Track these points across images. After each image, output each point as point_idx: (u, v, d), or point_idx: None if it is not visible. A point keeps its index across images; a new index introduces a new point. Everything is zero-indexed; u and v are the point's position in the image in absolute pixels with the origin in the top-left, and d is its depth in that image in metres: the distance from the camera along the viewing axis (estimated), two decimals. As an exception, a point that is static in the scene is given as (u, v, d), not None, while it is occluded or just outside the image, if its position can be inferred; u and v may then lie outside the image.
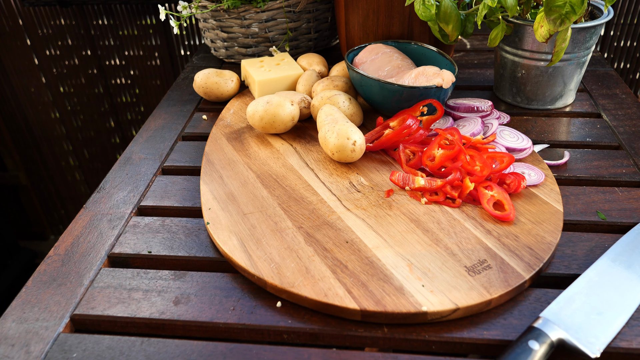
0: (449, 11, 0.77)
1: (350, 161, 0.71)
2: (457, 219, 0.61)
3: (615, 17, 1.44)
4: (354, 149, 0.69)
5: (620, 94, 0.90)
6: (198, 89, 0.92)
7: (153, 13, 1.59)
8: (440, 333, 0.50)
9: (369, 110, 0.85)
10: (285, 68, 0.92)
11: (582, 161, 0.73)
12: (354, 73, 0.79)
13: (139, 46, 1.65)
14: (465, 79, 0.97)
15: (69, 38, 1.65)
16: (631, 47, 1.49)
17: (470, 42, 1.14)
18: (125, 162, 0.79)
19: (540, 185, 0.66)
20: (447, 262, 0.55)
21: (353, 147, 0.69)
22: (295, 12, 1.00)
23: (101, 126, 1.83)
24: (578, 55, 0.79)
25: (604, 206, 0.65)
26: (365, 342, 0.51)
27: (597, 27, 0.77)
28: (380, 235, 0.59)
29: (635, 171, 0.71)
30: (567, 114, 0.85)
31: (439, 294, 0.51)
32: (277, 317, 0.52)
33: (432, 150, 0.68)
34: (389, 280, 0.53)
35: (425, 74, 0.76)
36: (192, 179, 0.73)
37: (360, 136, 0.70)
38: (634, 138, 0.78)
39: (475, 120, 0.76)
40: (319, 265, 0.55)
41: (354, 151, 0.69)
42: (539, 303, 0.52)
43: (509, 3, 0.73)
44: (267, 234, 0.60)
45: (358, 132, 0.70)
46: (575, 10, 0.67)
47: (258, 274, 0.54)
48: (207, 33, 1.07)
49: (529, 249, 0.56)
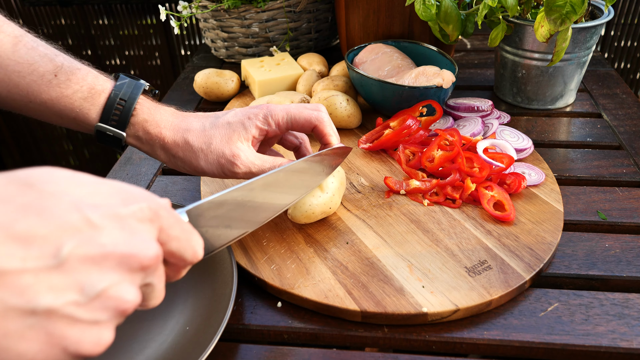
0: (449, 11, 0.77)
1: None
2: (458, 220, 0.61)
3: (615, 17, 1.44)
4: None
5: (620, 93, 0.90)
6: (198, 89, 0.92)
7: (153, 13, 1.59)
8: (441, 333, 0.50)
9: (369, 110, 0.85)
10: (286, 68, 0.92)
11: (582, 161, 0.73)
12: (354, 73, 0.79)
13: (140, 46, 1.65)
14: (466, 78, 0.97)
15: (69, 38, 1.66)
16: (631, 47, 1.49)
17: (471, 42, 1.14)
18: (125, 162, 0.79)
19: (541, 185, 0.66)
20: (448, 262, 0.55)
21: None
22: (296, 12, 1.00)
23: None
24: (578, 55, 0.79)
25: (605, 206, 0.64)
26: (366, 342, 0.51)
27: (598, 27, 0.77)
28: (380, 236, 0.59)
29: (635, 171, 0.71)
30: (567, 114, 0.85)
31: (439, 295, 0.51)
32: (277, 317, 0.52)
33: (431, 151, 0.68)
34: (389, 281, 0.53)
35: (426, 73, 0.76)
36: (192, 179, 0.73)
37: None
38: (634, 138, 0.78)
39: (475, 120, 0.76)
40: (319, 266, 0.55)
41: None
42: (539, 303, 0.52)
43: (510, 3, 0.72)
44: (268, 235, 0.60)
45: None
46: (575, 10, 0.67)
47: (258, 275, 0.54)
48: (208, 33, 1.07)
49: (529, 249, 0.56)
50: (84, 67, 0.55)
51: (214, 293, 0.52)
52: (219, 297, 0.51)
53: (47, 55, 0.54)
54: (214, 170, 0.56)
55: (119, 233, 0.30)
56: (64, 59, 0.54)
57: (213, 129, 0.56)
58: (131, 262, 0.31)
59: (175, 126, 0.56)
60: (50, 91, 0.53)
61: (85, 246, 0.29)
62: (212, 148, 0.55)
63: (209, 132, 0.56)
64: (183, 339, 0.49)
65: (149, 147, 0.57)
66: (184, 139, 0.56)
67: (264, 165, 0.56)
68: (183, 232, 0.35)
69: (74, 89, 0.54)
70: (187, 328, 0.50)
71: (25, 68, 0.53)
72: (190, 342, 0.48)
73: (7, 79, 0.53)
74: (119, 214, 0.31)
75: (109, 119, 0.55)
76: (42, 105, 0.54)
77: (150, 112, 0.56)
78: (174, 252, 0.35)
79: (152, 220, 0.33)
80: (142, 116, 0.56)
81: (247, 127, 0.56)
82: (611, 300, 0.52)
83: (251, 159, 0.56)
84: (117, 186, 0.33)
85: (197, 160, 0.56)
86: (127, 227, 0.31)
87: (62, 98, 0.54)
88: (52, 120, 0.56)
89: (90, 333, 0.29)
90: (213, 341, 0.46)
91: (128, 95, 0.55)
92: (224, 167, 0.55)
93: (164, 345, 0.49)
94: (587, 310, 0.51)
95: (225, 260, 0.55)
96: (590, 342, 0.48)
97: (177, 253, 0.35)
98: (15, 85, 0.53)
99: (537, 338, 0.49)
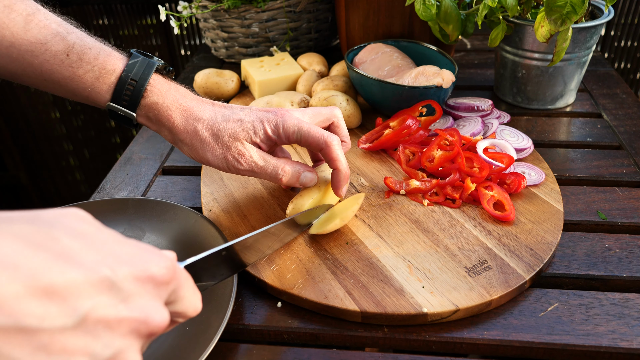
0: (449, 11, 0.77)
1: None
2: (457, 220, 0.61)
3: (615, 17, 1.44)
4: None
5: (620, 93, 0.90)
6: (198, 89, 0.92)
7: (153, 13, 1.59)
8: (441, 333, 0.50)
9: (369, 110, 0.85)
10: (286, 68, 0.92)
11: (582, 161, 0.73)
12: (354, 73, 0.79)
13: (140, 46, 1.65)
14: (466, 78, 0.97)
15: (69, 38, 1.65)
16: (632, 47, 1.49)
17: (471, 42, 1.14)
18: (125, 162, 0.79)
19: (541, 185, 0.66)
20: (447, 262, 0.55)
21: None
22: (296, 12, 1.00)
23: (101, 126, 1.83)
24: (579, 55, 0.79)
25: (605, 206, 0.64)
26: (366, 342, 0.51)
27: (598, 27, 0.77)
28: (380, 236, 0.59)
29: (635, 171, 0.71)
30: (567, 114, 0.85)
31: (439, 295, 0.51)
32: (277, 317, 0.52)
33: (431, 151, 0.68)
34: (389, 281, 0.53)
35: (425, 73, 0.76)
36: (192, 179, 0.73)
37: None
38: (634, 138, 0.78)
39: (475, 119, 0.76)
40: (319, 267, 0.55)
41: None
42: (539, 303, 0.52)
43: (510, 3, 0.72)
44: (267, 235, 0.60)
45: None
46: (576, 10, 0.67)
47: (258, 275, 0.54)
48: (208, 33, 1.07)
49: (529, 249, 0.56)
50: (96, 44, 0.55)
51: (214, 293, 0.52)
52: (219, 297, 0.51)
53: (60, 34, 0.54)
54: (218, 163, 0.56)
55: (137, 298, 0.29)
56: (76, 37, 0.54)
57: (224, 122, 0.56)
58: (142, 328, 0.29)
59: (186, 112, 0.56)
60: (63, 70, 0.53)
61: (105, 309, 0.28)
62: (219, 141, 0.55)
63: (219, 125, 0.56)
64: (183, 339, 0.48)
65: (157, 127, 0.58)
66: (194, 127, 0.56)
67: (267, 166, 0.56)
68: (189, 290, 0.35)
69: (85, 69, 0.54)
70: (187, 328, 0.50)
71: (38, 47, 0.53)
72: (190, 342, 0.48)
73: (21, 58, 0.53)
74: (138, 277, 0.30)
75: (120, 99, 0.55)
76: (56, 84, 0.55)
77: (161, 94, 0.56)
78: (179, 312, 0.34)
79: (167, 284, 0.32)
80: (152, 98, 0.55)
81: (257, 130, 0.56)
82: (611, 300, 0.52)
83: (255, 159, 0.56)
84: (137, 246, 0.32)
85: (203, 151, 0.56)
86: (144, 291, 0.30)
87: (74, 77, 0.54)
88: (69, 96, 0.57)
89: None
90: (213, 341, 0.46)
91: (139, 75, 0.55)
92: (228, 161, 0.56)
93: (164, 345, 0.49)
94: (587, 310, 0.51)
95: (225, 260, 0.55)
96: (590, 342, 0.48)
97: (182, 311, 0.34)
98: (29, 64, 0.53)
99: (537, 338, 0.49)
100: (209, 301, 0.52)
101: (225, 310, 0.49)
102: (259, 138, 0.56)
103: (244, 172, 0.57)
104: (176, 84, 0.58)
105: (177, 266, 0.33)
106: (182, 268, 0.35)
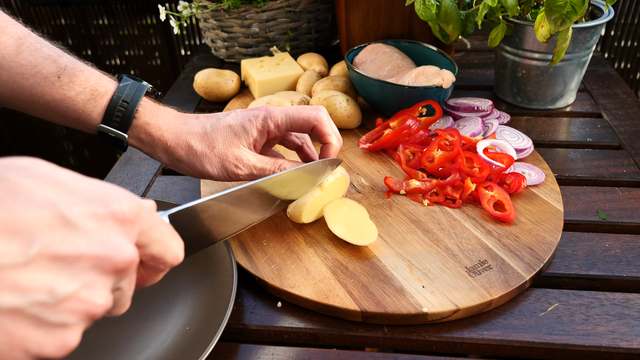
0: (449, 11, 0.77)
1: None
2: (458, 220, 0.61)
3: (615, 17, 1.44)
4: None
5: (620, 93, 0.90)
6: (198, 89, 0.92)
7: (153, 13, 1.59)
8: (441, 333, 0.50)
9: (369, 110, 0.85)
10: (286, 68, 0.92)
11: (582, 161, 0.73)
12: (354, 73, 0.79)
13: (140, 46, 1.65)
14: (466, 78, 0.97)
15: (69, 38, 1.66)
16: (632, 47, 1.49)
17: (471, 42, 1.14)
18: (125, 162, 0.79)
19: (541, 185, 0.66)
20: (448, 262, 0.55)
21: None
22: (296, 12, 1.00)
23: (101, 126, 1.83)
24: (579, 55, 0.79)
25: (605, 206, 0.64)
26: (366, 342, 0.51)
27: (598, 27, 0.77)
28: (380, 236, 0.59)
29: (635, 171, 0.71)
30: (567, 114, 0.85)
31: (440, 295, 0.51)
32: (277, 317, 0.52)
33: (431, 152, 0.68)
34: (390, 281, 0.53)
35: (425, 73, 0.76)
36: (192, 179, 0.73)
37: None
38: (634, 138, 0.78)
39: (475, 120, 0.76)
40: (319, 267, 0.55)
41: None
42: (539, 303, 0.52)
43: (510, 3, 0.72)
44: (268, 235, 0.60)
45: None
46: (576, 10, 0.67)
47: (259, 275, 0.54)
48: (208, 33, 1.07)
49: (529, 249, 0.56)
50: (87, 68, 0.55)
51: (214, 293, 0.52)
52: (219, 297, 0.51)
53: (51, 57, 0.54)
54: (218, 173, 0.56)
55: (95, 233, 0.29)
56: (67, 60, 0.54)
57: (215, 132, 0.56)
58: (105, 264, 0.29)
59: (177, 129, 0.56)
60: (54, 93, 0.53)
61: (58, 245, 0.27)
62: (215, 152, 0.56)
63: (210, 135, 0.56)
64: (183, 339, 0.49)
65: (150, 149, 0.58)
66: (187, 143, 0.56)
67: (265, 167, 0.56)
68: (164, 234, 0.34)
69: (77, 90, 0.54)
70: (187, 328, 0.50)
71: (29, 70, 0.53)
72: (190, 342, 0.48)
73: (10, 81, 0.53)
74: (96, 214, 0.29)
75: (111, 120, 0.55)
76: (45, 106, 0.54)
77: (152, 115, 0.56)
78: (155, 255, 0.34)
79: (132, 222, 0.31)
80: (144, 119, 0.56)
81: (248, 130, 0.56)
82: (611, 300, 0.52)
83: (253, 162, 0.56)
84: (97, 185, 0.31)
85: (201, 164, 0.56)
86: (104, 227, 0.30)
87: (65, 99, 0.54)
88: (56, 120, 0.56)
89: (55, 336, 0.28)
90: (213, 341, 0.46)
91: (130, 97, 0.55)
92: (227, 169, 0.56)
93: (164, 345, 0.49)
94: (587, 310, 0.51)
95: (225, 260, 0.55)
96: (591, 342, 0.48)
97: (158, 256, 0.34)
98: (19, 87, 0.53)
99: (537, 338, 0.49)
100: (209, 301, 0.52)
101: (225, 310, 0.49)
102: (252, 137, 0.56)
103: (244, 177, 0.57)
104: (164, 106, 0.59)
105: (146, 208, 0.33)
106: (155, 212, 0.35)
